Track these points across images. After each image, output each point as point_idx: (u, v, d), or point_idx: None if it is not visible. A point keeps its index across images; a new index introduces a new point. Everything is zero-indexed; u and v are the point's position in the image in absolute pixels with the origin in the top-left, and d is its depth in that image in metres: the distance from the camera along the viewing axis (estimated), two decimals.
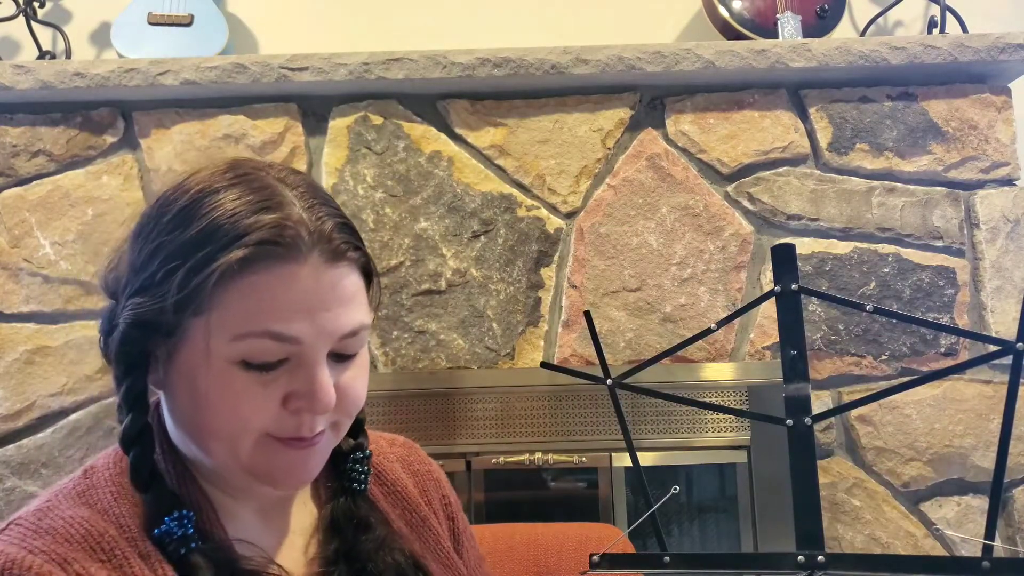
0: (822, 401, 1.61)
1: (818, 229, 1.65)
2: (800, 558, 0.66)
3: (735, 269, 1.63)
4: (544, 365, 0.86)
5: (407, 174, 1.64)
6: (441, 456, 1.52)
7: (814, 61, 1.60)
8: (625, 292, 1.63)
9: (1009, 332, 1.61)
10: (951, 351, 1.62)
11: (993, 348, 0.66)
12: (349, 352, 0.62)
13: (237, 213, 0.57)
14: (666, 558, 0.70)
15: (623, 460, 1.58)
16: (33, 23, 1.78)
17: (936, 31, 1.79)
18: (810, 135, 1.67)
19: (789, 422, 0.69)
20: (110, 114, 1.64)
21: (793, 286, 0.70)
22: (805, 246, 1.64)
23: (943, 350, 1.62)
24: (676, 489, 0.79)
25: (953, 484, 1.60)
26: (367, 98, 1.65)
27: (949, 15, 1.79)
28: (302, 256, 0.58)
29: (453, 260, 1.62)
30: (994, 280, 1.63)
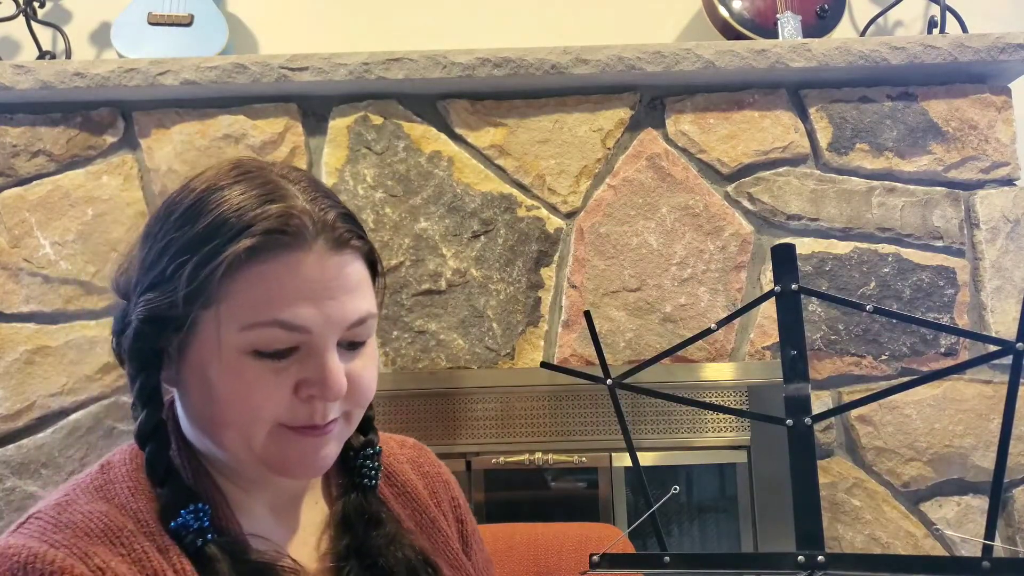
0: (822, 401, 1.61)
1: (818, 229, 1.65)
2: (800, 558, 0.66)
3: (735, 269, 1.63)
4: (544, 365, 0.86)
5: (407, 174, 1.64)
6: (441, 456, 1.50)
7: (814, 61, 1.60)
8: (625, 292, 1.63)
9: (1009, 332, 1.61)
10: (951, 351, 1.62)
11: (993, 348, 0.66)
12: (358, 340, 0.63)
13: (243, 207, 0.59)
14: (666, 558, 0.70)
15: (623, 460, 1.58)
16: (33, 23, 1.78)
17: (936, 31, 1.79)
18: (810, 135, 1.67)
19: (789, 422, 0.69)
20: (110, 114, 1.64)
21: (793, 286, 0.70)
22: (805, 246, 1.64)
23: (943, 350, 1.62)
24: (676, 489, 0.79)
25: (953, 484, 1.60)
26: (367, 98, 1.65)
27: (949, 15, 1.79)
28: (307, 244, 0.59)
29: (453, 260, 1.62)
30: (994, 280, 1.63)
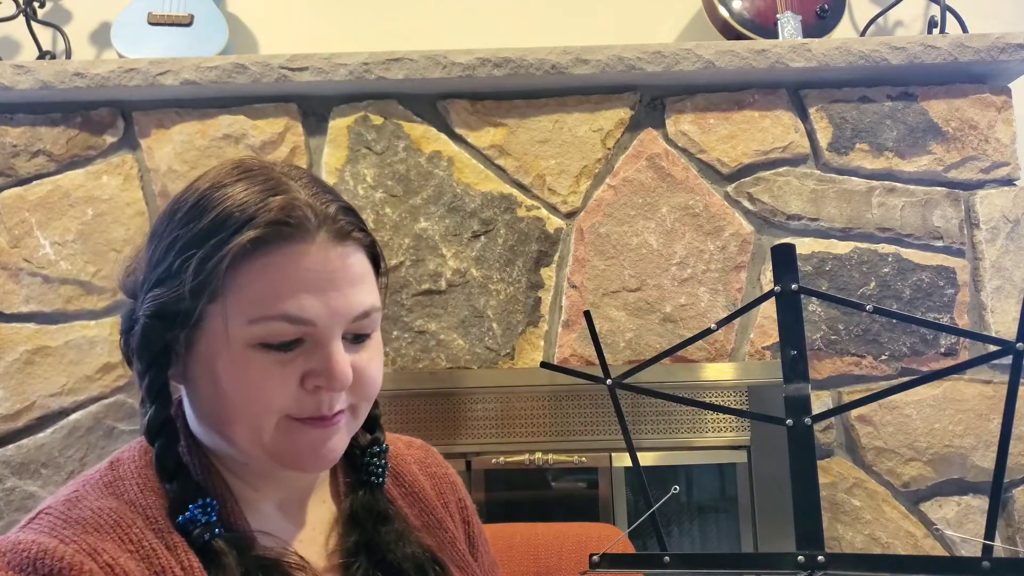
0: (822, 401, 1.61)
1: (818, 229, 1.65)
2: (800, 558, 0.66)
3: (735, 269, 1.63)
4: (544, 365, 0.86)
5: (407, 174, 1.64)
6: None
7: (814, 61, 1.60)
8: (625, 292, 1.63)
9: (1009, 332, 1.61)
10: (951, 351, 1.62)
11: (993, 348, 0.66)
12: (362, 333, 0.64)
13: (246, 201, 0.60)
14: (666, 558, 0.70)
15: (623, 460, 1.58)
16: (33, 23, 1.78)
17: (936, 31, 1.79)
18: (810, 135, 1.67)
19: (789, 422, 0.69)
20: (110, 114, 1.64)
21: (793, 286, 0.70)
22: (805, 246, 1.64)
23: (943, 350, 1.62)
24: (676, 489, 0.79)
25: (953, 484, 1.60)
26: (367, 98, 1.66)
27: (949, 15, 1.79)
28: (310, 236, 0.60)
29: (453, 260, 1.62)
30: (994, 280, 1.63)
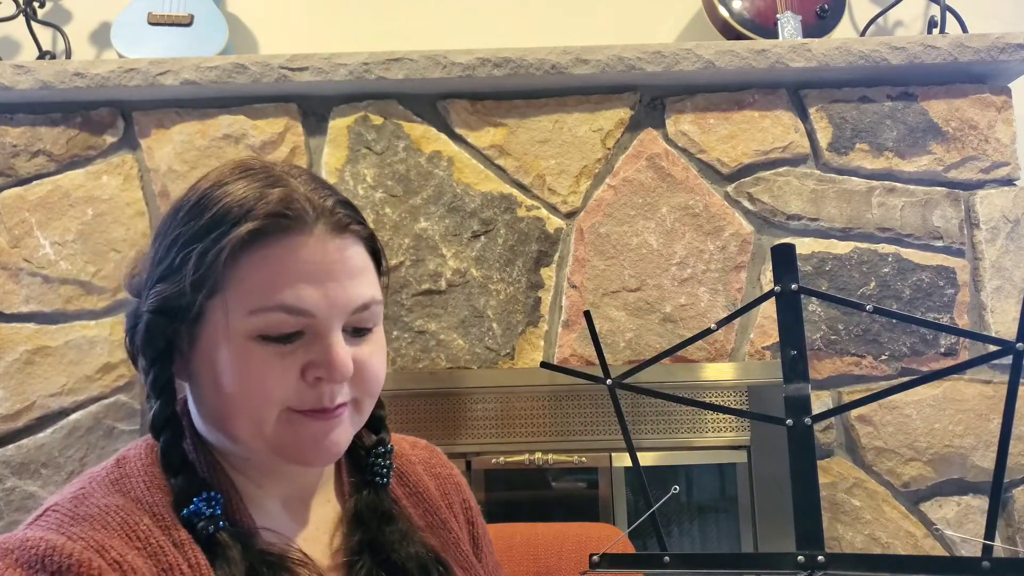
0: (822, 401, 1.61)
1: (818, 229, 1.65)
2: (800, 558, 0.66)
3: (735, 269, 1.63)
4: (544, 365, 0.86)
5: (407, 174, 1.64)
6: None
7: (814, 61, 1.60)
8: (625, 292, 1.63)
9: (1009, 332, 1.61)
10: (951, 351, 1.62)
11: (993, 348, 0.66)
12: (363, 327, 0.64)
13: (245, 196, 0.61)
14: (666, 558, 0.70)
15: (623, 460, 1.58)
16: (33, 23, 1.78)
17: (936, 31, 1.79)
18: (810, 135, 1.67)
19: (789, 422, 0.69)
20: (110, 114, 1.64)
21: (793, 286, 0.70)
22: (805, 246, 1.64)
23: (943, 350, 1.62)
24: (676, 489, 0.79)
25: (953, 484, 1.60)
26: (367, 98, 1.66)
27: (949, 15, 1.79)
28: (308, 228, 0.61)
29: (453, 260, 1.62)
30: (994, 280, 1.63)
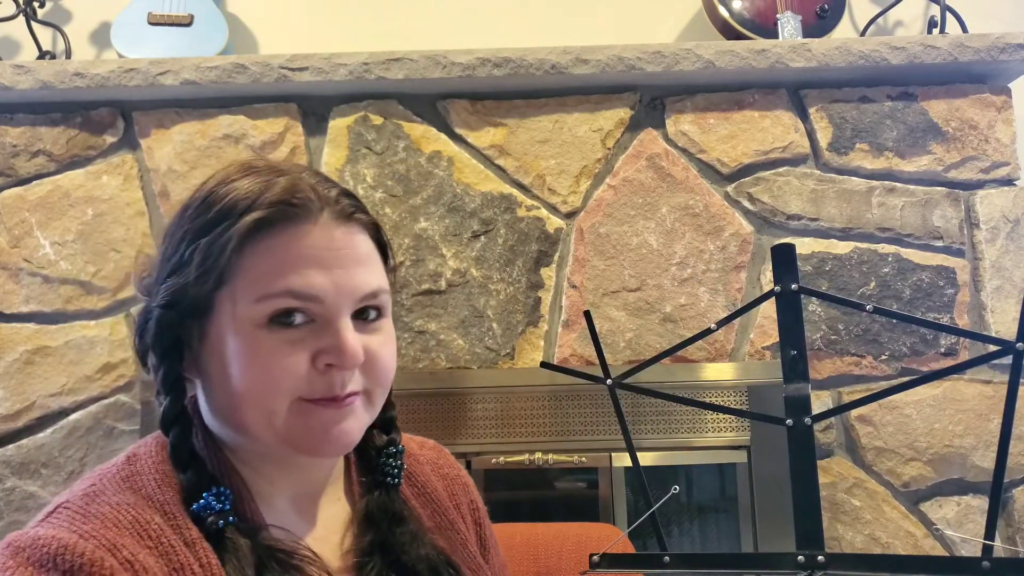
0: (822, 401, 1.61)
1: (818, 229, 1.65)
2: (800, 558, 0.66)
3: (735, 269, 1.63)
4: (544, 365, 0.86)
5: (407, 174, 1.64)
6: None
7: (814, 61, 1.60)
8: (625, 292, 1.63)
9: (1009, 332, 1.61)
10: (951, 351, 1.62)
11: (993, 348, 0.66)
12: (372, 316, 0.64)
13: (251, 189, 0.62)
14: (666, 558, 0.70)
15: (623, 460, 1.58)
16: (33, 23, 1.78)
17: (936, 31, 1.79)
18: (810, 135, 1.67)
19: (789, 422, 0.69)
20: (110, 114, 1.64)
21: (793, 286, 0.70)
22: (805, 246, 1.64)
23: (943, 350, 1.62)
24: (676, 489, 0.79)
25: (953, 484, 1.60)
26: (367, 98, 1.65)
27: (949, 15, 1.79)
28: (313, 216, 0.62)
29: (453, 260, 1.62)
30: (994, 280, 1.63)
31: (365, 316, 0.64)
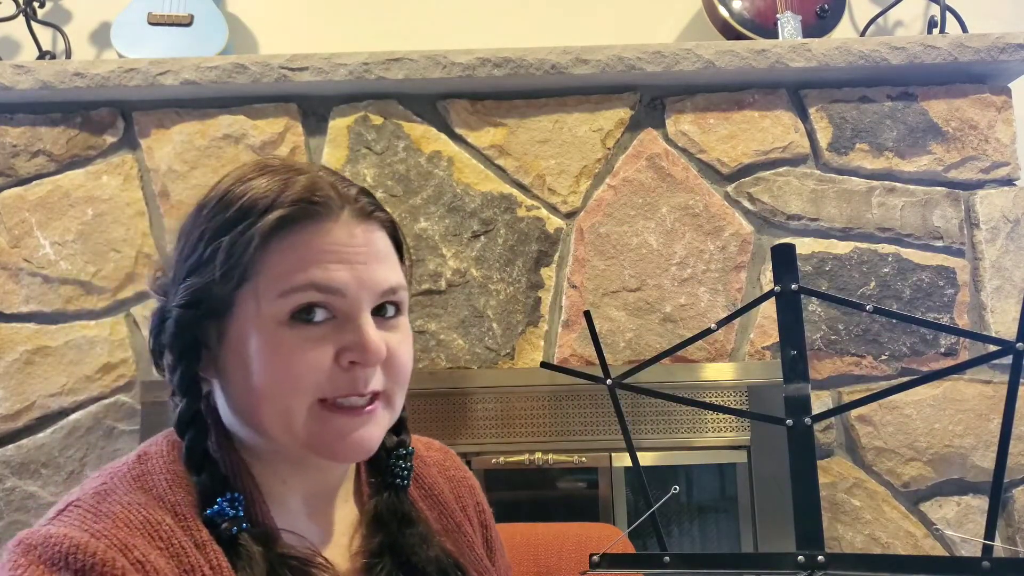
0: (822, 401, 1.61)
1: (818, 229, 1.65)
2: (800, 558, 0.66)
3: (735, 269, 1.63)
4: (544, 365, 0.86)
5: (407, 174, 1.64)
6: None
7: (814, 61, 1.60)
8: (625, 292, 1.63)
9: (1009, 332, 1.61)
10: (951, 351, 1.62)
11: (993, 348, 0.66)
12: (390, 313, 0.65)
13: (271, 188, 0.62)
14: (666, 558, 0.70)
15: (623, 460, 1.58)
16: (33, 23, 1.78)
17: (936, 31, 1.79)
18: (810, 135, 1.67)
19: (789, 422, 0.69)
20: (110, 114, 1.64)
21: (793, 286, 0.70)
22: (805, 246, 1.64)
23: (943, 350, 1.62)
24: (676, 489, 0.79)
25: (953, 484, 1.60)
26: (367, 98, 1.65)
27: (949, 15, 1.79)
28: (334, 214, 0.62)
29: (453, 260, 1.62)
30: (994, 280, 1.63)
31: (384, 313, 0.64)
